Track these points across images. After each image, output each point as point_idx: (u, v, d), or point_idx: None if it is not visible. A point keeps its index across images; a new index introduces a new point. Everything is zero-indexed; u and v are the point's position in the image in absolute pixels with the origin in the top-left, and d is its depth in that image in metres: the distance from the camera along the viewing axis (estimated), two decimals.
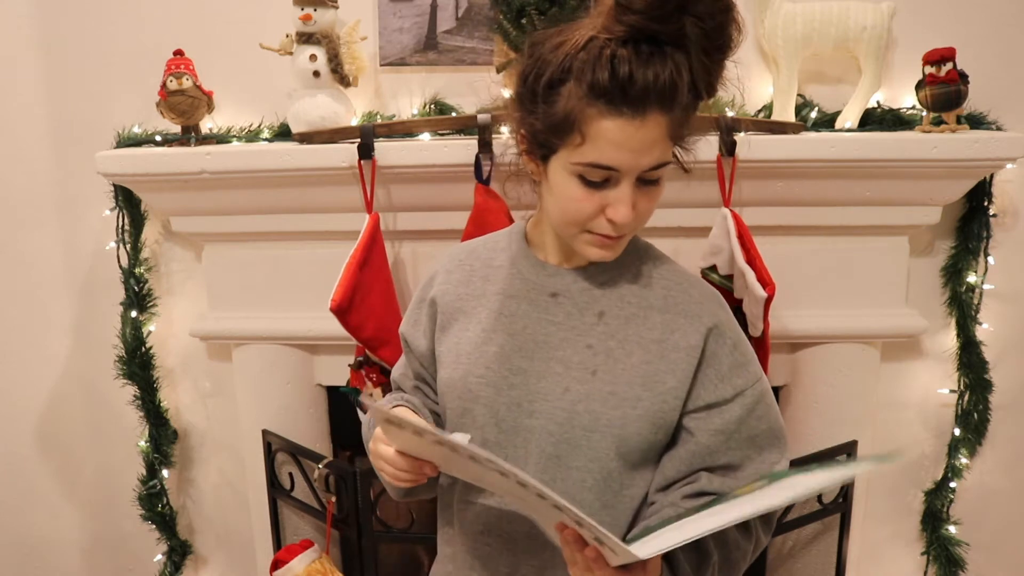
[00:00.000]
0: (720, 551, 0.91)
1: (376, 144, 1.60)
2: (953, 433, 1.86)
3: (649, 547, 0.74)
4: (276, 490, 1.90)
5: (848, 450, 1.77)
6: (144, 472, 2.01)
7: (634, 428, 0.90)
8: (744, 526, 0.94)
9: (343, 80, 1.67)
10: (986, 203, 1.73)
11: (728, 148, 1.54)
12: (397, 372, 1.12)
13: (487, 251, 1.03)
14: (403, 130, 1.67)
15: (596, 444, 0.90)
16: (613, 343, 0.92)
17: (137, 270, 1.90)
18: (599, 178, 0.84)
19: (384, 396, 1.28)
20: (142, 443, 1.99)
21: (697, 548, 0.90)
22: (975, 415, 1.83)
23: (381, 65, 1.78)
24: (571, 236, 0.91)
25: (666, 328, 0.92)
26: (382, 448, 0.92)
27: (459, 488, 0.98)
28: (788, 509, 1.75)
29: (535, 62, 0.86)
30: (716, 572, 0.90)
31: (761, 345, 1.57)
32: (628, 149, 0.82)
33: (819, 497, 1.77)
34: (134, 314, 1.91)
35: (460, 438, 0.75)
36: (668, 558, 0.87)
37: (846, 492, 1.78)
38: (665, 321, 0.93)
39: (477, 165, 1.57)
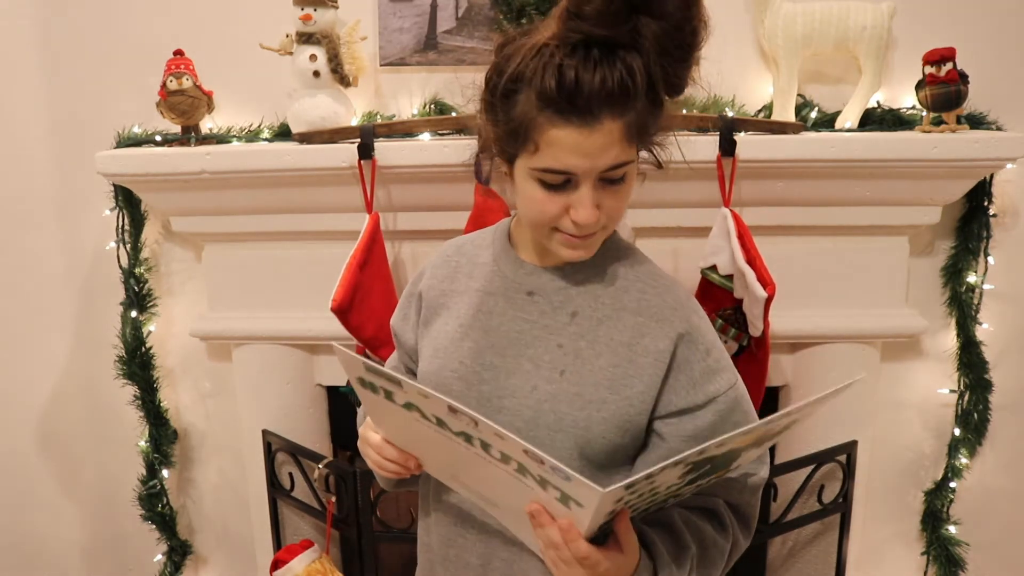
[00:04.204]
0: (698, 545, 0.91)
1: (376, 144, 1.60)
2: (953, 433, 1.86)
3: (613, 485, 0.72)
4: (276, 490, 1.90)
5: (848, 450, 1.76)
6: (144, 472, 2.01)
7: (598, 430, 0.89)
8: (720, 523, 0.94)
9: (343, 80, 1.67)
10: (986, 203, 1.73)
11: (728, 148, 1.54)
12: (389, 365, 1.14)
13: (473, 248, 1.04)
14: (403, 130, 1.68)
15: (560, 444, 0.90)
16: (583, 343, 0.92)
17: (137, 270, 1.90)
18: (558, 181, 0.84)
19: None
20: (142, 443, 1.99)
21: (676, 539, 0.90)
22: (975, 415, 1.83)
23: (381, 65, 1.78)
24: (543, 236, 0.91)
25: (637, 331, 0.92)
26: (370, 435, 0.95)
27: (435, 479, 0.99)
28: (788, 509, 1.75)
29: (495, 68, 0.86)
30: (695, 567, 0.90)
31: (761, 345, 1.58)
32: (581, 155, 0.81)
33: (819, 497, 1.77)
34: (134, 314, 1.91)
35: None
36: (646, 544, 0.87)
37: (846, 492, 1.78)
38: (637, 324, 0.92)
39: (477, 165, 1.57)
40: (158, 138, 1.78)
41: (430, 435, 0.83)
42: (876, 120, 1.69)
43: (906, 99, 1.72)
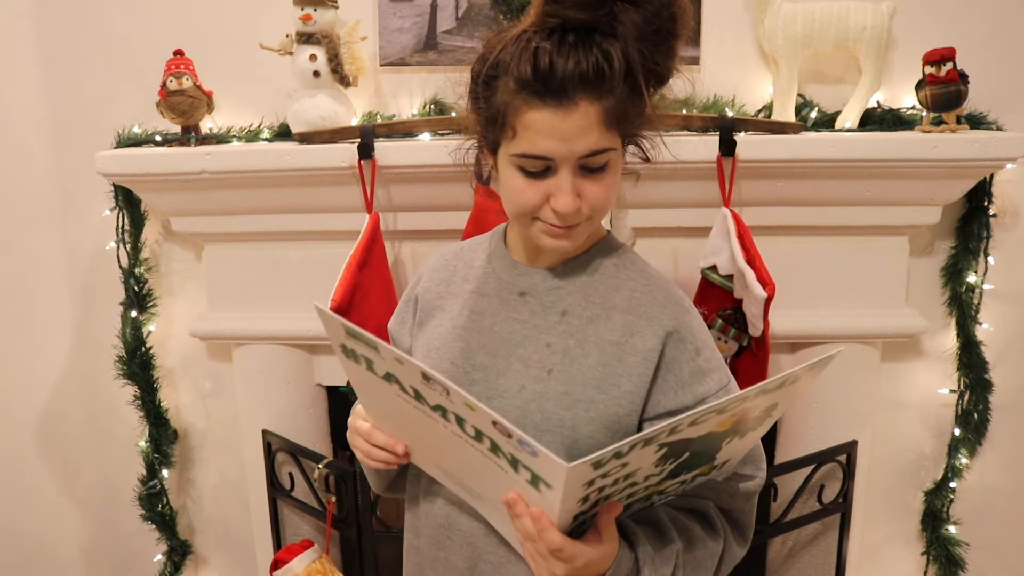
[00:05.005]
0: (685, 543, 0.89)
1: (376, 144, 1.60)
2: (953, 433, 1.86)
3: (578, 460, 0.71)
4: (276, 490, 1.90)
5: (848, 450, 1.76)
6: (144, 472, 2.01)
7: (586, 430, 0.89)
8: (710, 525, 0.93)
9: (343, 80, 1.67)
10: (986, 203, 1.73)
11: (728, 148, 1.54)
12: None
13: (470, 252, 1.05)
14: (403, 130, 1.68)
15: (547, 444, 0.88)
16: (572, 342, 0.92)
17: (137, 270, 1.90)
18: (537, 168, 0.85)
19: None
20: (142, 443, 1.99)
21: (660, 534, 0.89)
22: (975, 415, 1.83)
23: (381, 65, 1.78)
24: (525, 227, 0.91)
25: (626, 330, 0.91)
26: (359, 423, 0.94)
27: (424, 480, 0.98)
28: (788, 509, 1.75)
29: (480, 58, 0.87)
30: (681, 565, 0.88)
31: (761, 345, 1.58)
32: (557, 138, 0.82)
33: (819, 497, 1.77)
34: (134, 314, 1.91)
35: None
36: (627, 535, 0.86)
37: (846, 492, 1.78)
38: (626, 323, 0.92)
39: (477, 165, 1.56)
40: (158, 138, 1.78)
41: (411, 413, 0.83)
42: (876, 120, 1.69)
43: (906, 99, 1.72)
